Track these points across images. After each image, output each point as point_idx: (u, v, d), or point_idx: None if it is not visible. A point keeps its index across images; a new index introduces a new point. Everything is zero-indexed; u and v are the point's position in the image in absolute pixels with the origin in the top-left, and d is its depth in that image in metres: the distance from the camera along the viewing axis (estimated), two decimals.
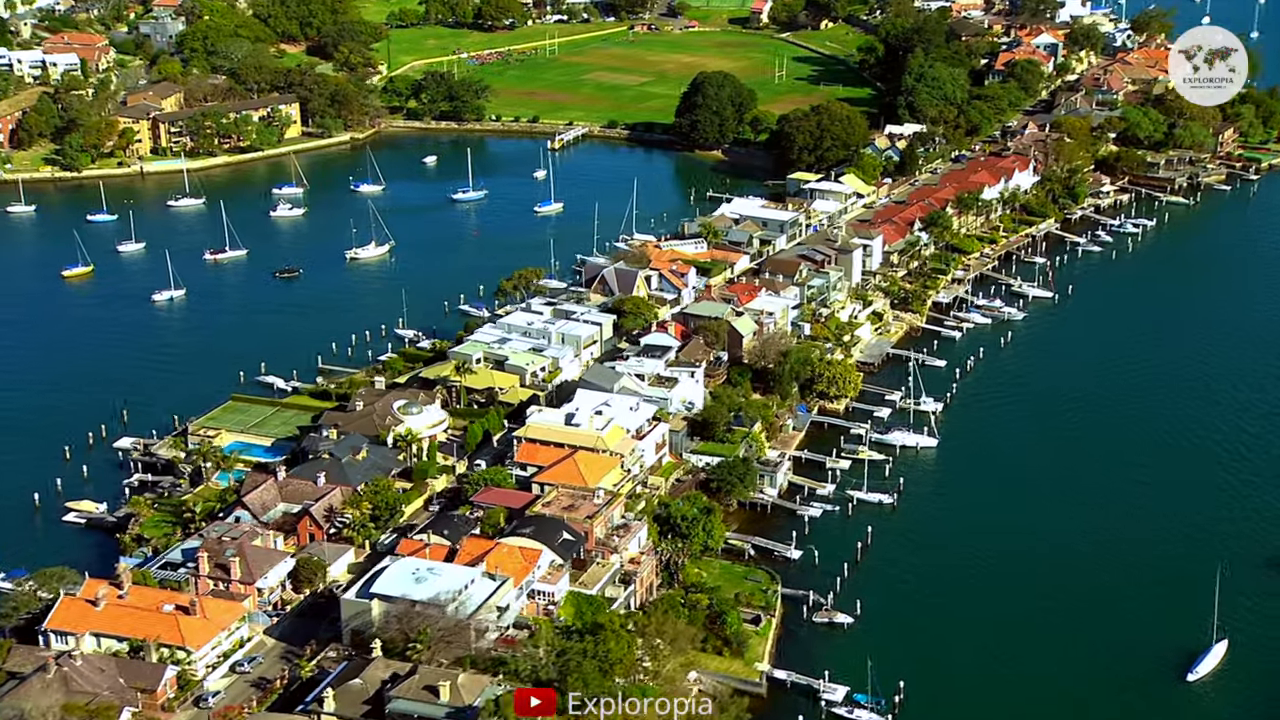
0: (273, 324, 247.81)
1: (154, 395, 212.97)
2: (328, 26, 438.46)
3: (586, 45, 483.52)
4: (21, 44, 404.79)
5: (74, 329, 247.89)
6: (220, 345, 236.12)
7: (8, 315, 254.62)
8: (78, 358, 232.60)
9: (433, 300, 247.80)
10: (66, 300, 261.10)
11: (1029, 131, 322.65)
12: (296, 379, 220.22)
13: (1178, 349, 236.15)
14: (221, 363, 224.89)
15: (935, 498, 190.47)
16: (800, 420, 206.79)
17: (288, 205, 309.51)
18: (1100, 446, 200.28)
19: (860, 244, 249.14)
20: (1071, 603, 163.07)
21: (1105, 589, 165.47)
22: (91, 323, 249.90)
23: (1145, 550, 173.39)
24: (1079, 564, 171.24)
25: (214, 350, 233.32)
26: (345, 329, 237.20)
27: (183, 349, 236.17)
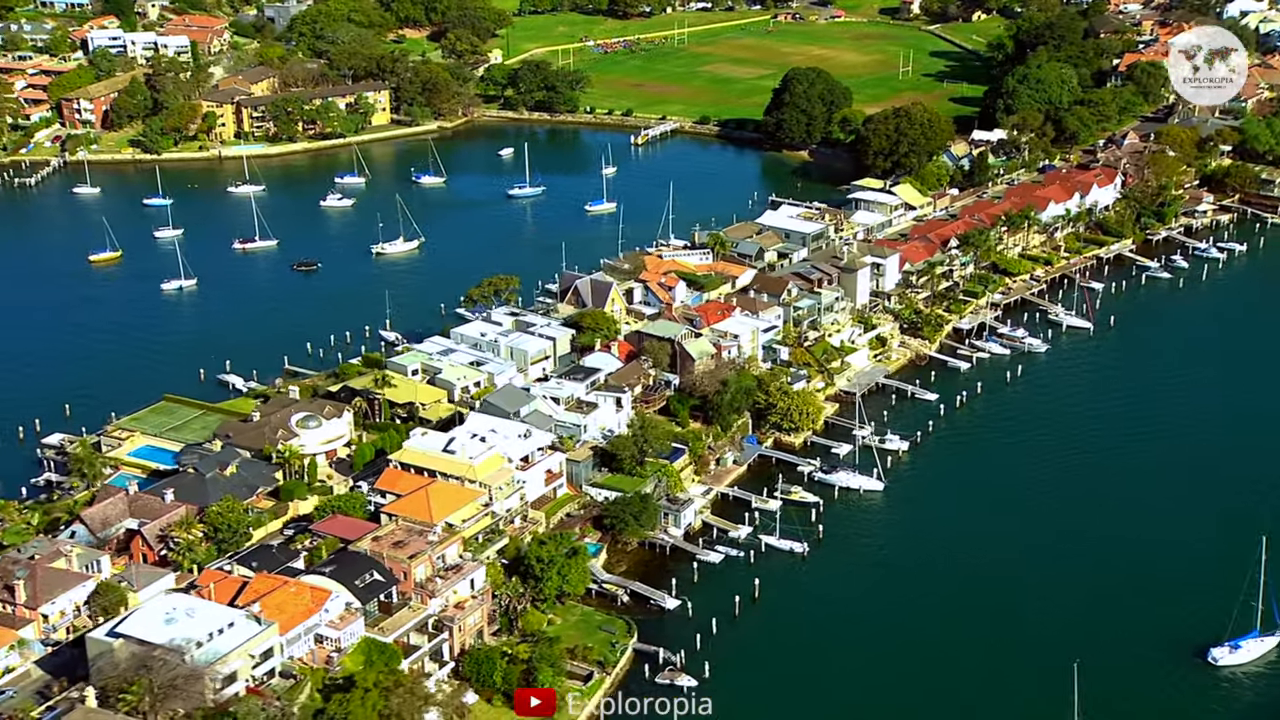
0: (269, 318, 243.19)
1: (109, 388, 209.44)
2: (452, 12, 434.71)
3: (721, 35, 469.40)
4: (146, 25, 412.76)
5: (70, 314, 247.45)
6: (205, 339, 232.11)
7: (15, 297, 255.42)
8: (55, 344, 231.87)
9: (444, 300, 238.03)
10: (81, 285, 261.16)
11: (1128, 142, 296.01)
12: (256, 379, 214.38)
13: (1220, 405, 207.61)
14: (194, 357, 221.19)
15: (855, 549, 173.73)
16: (745, 454, 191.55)
17: (337, 195, 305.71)
18: (1070, 517, 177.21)
19: (871, 262, 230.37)
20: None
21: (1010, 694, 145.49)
22: (89, 308, 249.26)
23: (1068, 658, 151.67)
24: (976, 661, 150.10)
25: (195, 344, 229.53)
26: (337, 327, 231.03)
27: (164, 341, 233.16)
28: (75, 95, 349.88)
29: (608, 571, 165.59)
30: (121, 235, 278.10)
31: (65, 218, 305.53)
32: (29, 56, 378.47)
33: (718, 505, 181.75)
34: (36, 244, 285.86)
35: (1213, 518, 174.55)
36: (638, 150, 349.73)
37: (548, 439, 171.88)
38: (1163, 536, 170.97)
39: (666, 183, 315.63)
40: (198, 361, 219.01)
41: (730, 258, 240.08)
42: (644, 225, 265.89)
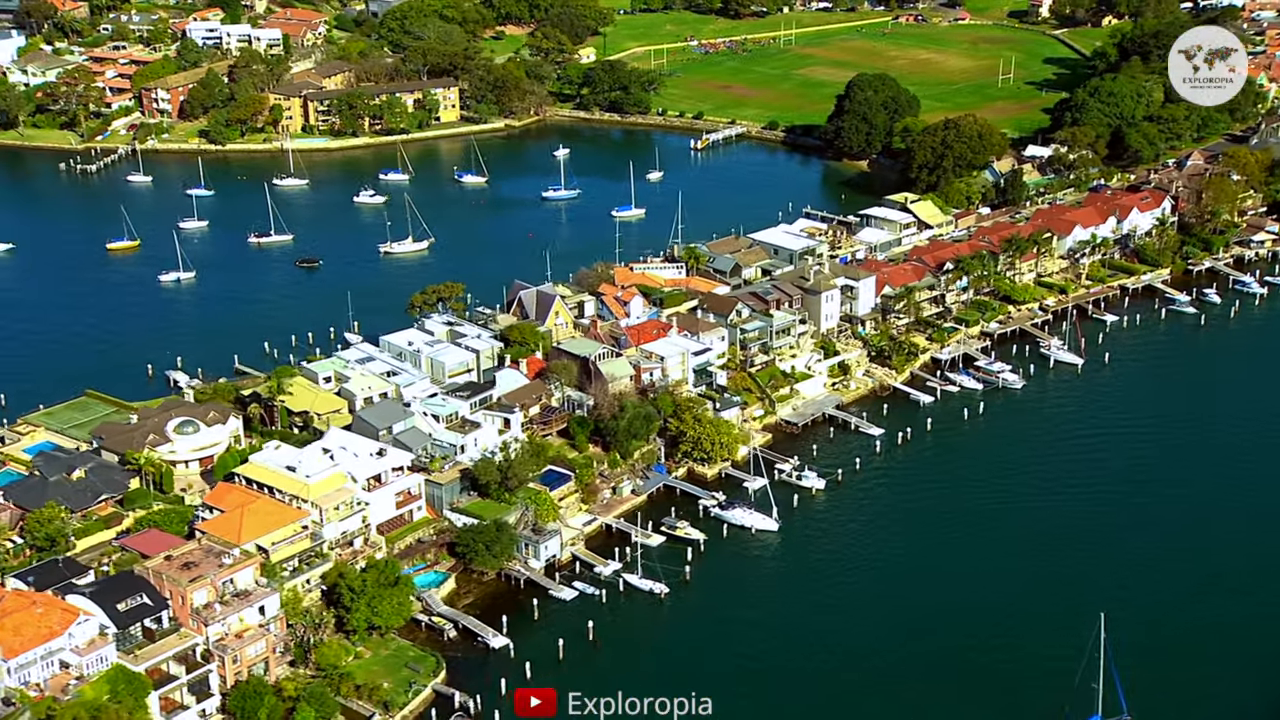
0: (249, 314, 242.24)
1: (50, 379, 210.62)
2: (555, 9, 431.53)
3: (833, 36, 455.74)
4: (251, 18, 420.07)
5: (60, 300, 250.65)
6: (172, 332, 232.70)
7: (17, 281, 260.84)
8: (27, 329, 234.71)
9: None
10: (87, 272, 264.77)
11: (1190, 163, 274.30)
12: (201, 377, 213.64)
13: (1166, 465, 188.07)
14: (150, 351, 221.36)
15: (719, 594, 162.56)
16: (649, 483, 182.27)
17: (370, 192, 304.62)
18: (942, 585, 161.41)
19: (841, 285, 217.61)
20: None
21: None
22: (81, 296, 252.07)
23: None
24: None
25: (159, 337, 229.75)
26: (310, 325, 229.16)
27: (132, 334, 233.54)
28: (154, 85, 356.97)
29: (451, 603, 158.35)
30: (150, 225, 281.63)
31: (107, 204, 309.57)
32: (124, 46, 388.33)
33: (600, 537, 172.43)
34: (66, 229, 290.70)
35: (1051, 590, 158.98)
36: (697, 154, 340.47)
37: (406, 458, 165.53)
38: (1013, 609, 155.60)
39: (714, 189, 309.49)
40: (154, 355, 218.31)
41: (705, 273, 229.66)
42: (664, 233, 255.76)
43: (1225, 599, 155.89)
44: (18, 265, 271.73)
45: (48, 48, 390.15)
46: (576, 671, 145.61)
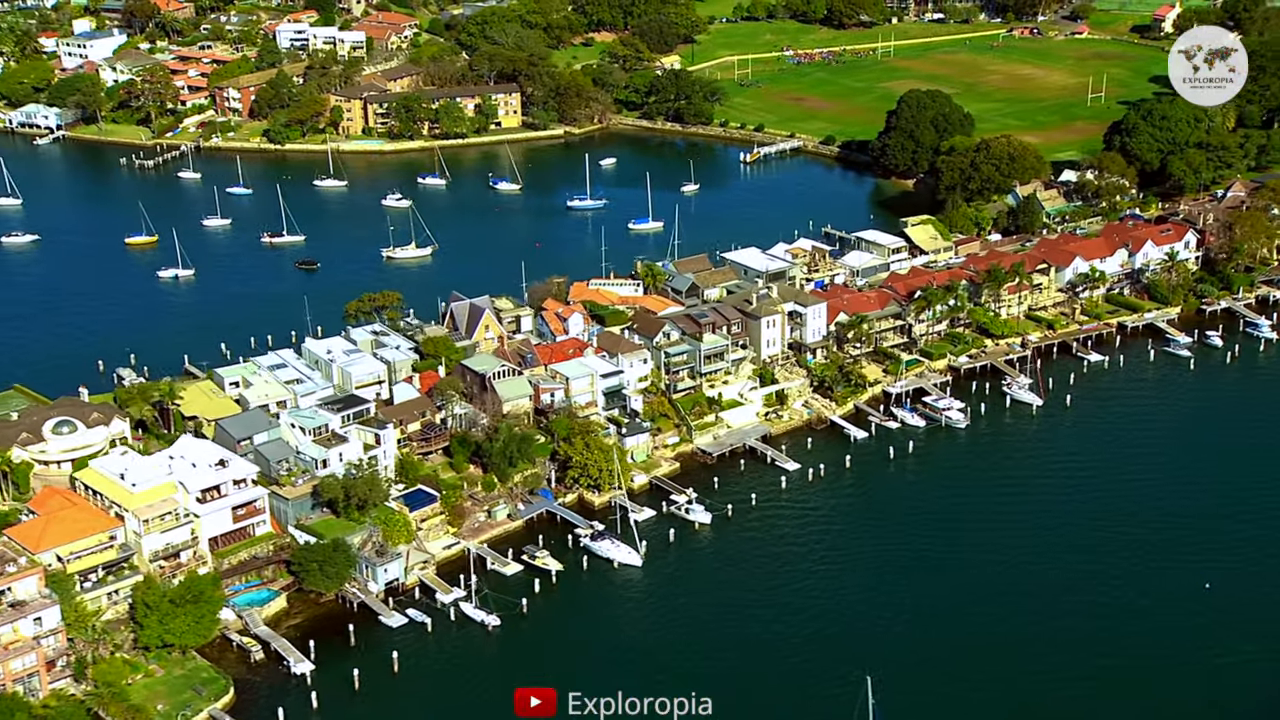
0: (230, 313, 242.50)
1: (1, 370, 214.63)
2: (649, 15, 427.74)
3: (935, 49, 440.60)
4: (345, 21, 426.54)
5: (53, 291, 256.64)
6: (149, 329, 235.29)
7: (22, 272, 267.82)
8: (5, 317, 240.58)
9: (414, 306, 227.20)
10: (95, 265, 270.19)
11: (1230, 194, 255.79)
12: (147, 375, 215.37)
13: (1108, 524, 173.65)
14: (118, 348, 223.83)
15: (551, 629, 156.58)
16: (528, 509, 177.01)
17: (396, 196, 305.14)
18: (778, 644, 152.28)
19: (789, 311, 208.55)
20: None
21: None
22: (75, 288, 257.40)
23: None
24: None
25: (134, 333, 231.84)
26: (278, 328, 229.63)
27: (106, 329, 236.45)
28: (226, 84, 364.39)
29: (276, 623, 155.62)
30: (176, 221, 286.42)
31: (141, 199, 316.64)
32: (210, 46, 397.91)
33: (461, 562, 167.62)
34: (96, 222, 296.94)
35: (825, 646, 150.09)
36: (746, 168, 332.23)
37: (250, 471, 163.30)
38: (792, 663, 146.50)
39: (748, 204, 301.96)
40: (114, 351, 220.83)
41: (662, 291, 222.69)
42: (686, 246, 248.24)
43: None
44: (36, 256, 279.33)
45: (145, 47, 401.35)
46: (372, 704, 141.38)
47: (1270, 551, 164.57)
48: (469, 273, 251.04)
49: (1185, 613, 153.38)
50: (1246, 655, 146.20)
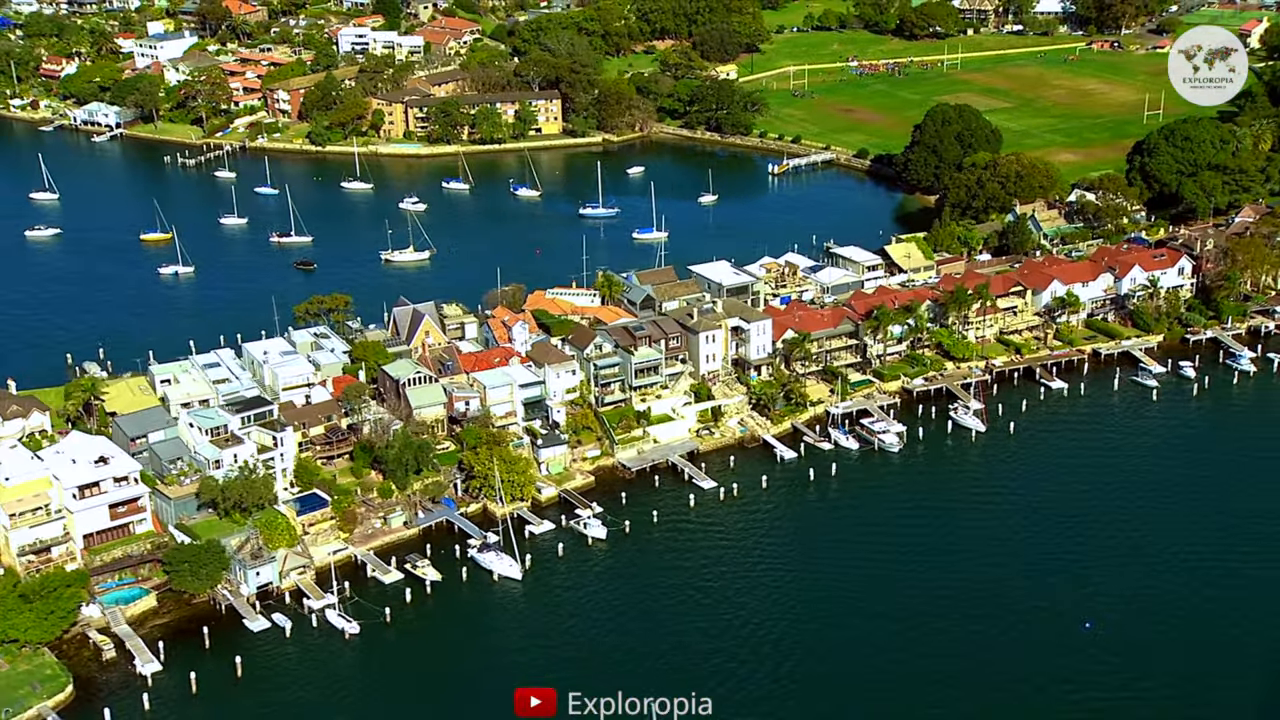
0: (217, 310, 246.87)
1: None
2: (714, 25, 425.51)
3: (1006, 61, 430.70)
4: (409, 26, 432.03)
5: (65, 282, 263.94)
6: (130, 324, 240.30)
7: (36, 262, 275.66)
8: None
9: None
10: (107, 258, 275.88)
11: (1238, 219, 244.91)
12: (110, 370, 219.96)
13: (1015, 558, 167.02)
14: (92, 342, 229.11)
15: (412, 639, 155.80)
16: (426, 516, 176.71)
17: (413, 200, 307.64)
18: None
19: (732, 326, 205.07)
20: None
21: None
22: (82, 281, 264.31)
23: None
24: None
25: (113, 329, 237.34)
26: (250, 327, 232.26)
27: (89, 324, 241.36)
28: (278, 86, 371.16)
29: (142, 622, 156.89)
30: (195, 218, 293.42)
31: (179, 196, 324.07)
32: (270, 49, 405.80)
33: (347, 569, 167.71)
34: (120, 219, 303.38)
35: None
36: (773, 180, 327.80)
37: (133, 468, 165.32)
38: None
39: (764, 216, 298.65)
40: (83, 345, 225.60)
41: (618, 302, 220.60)
42: (687, 257, 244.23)
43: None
44: (53, 249, 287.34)
45: (213, 49, 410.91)
46: (207, 706, 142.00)
47: (1155, 597, 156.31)
48: (462, 277, 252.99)
49: (1053, 652, 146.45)
50: (1119, 699, 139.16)
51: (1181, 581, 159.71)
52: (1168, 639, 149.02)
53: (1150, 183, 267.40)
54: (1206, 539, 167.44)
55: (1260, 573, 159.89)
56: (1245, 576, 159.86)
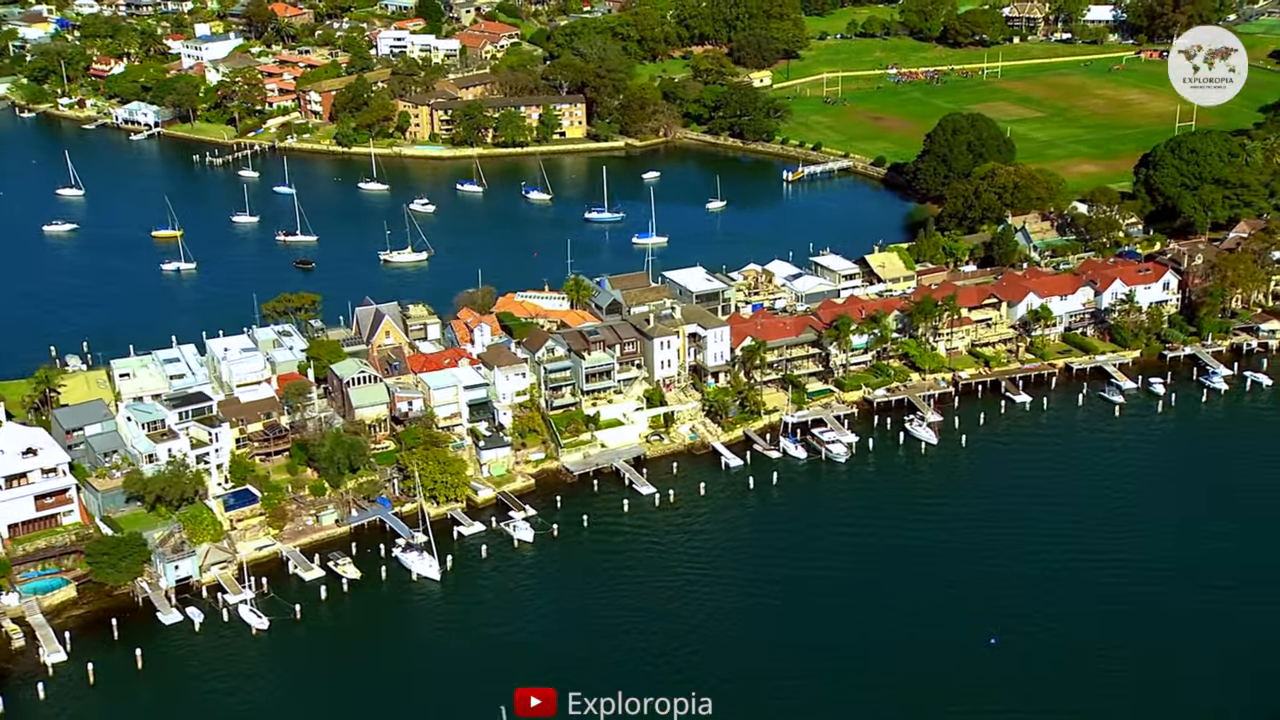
0: (208, 306, 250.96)
1: None
2: (753, 31, 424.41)
3: (1048, 70, 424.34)
4: (450, 30, 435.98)
5: (72, 275, 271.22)
6: (121, 318, 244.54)
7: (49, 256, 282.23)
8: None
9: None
10: (118, 253, 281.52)
11: (1232, 235, 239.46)
12: (89, 363, 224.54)
13: (929, 577, 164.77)
14: (77, 334, 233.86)
15: (318, 637, 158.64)
16: (359, 515, 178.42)
17: (423, 201, 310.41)
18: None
19: (691, 332, 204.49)
20: None
21: None
22: (89, 274, 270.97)
23: None
24: None
25: (104, 323, 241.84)
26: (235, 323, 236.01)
27: (81, 317, 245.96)
28: (310, 88, 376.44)
29: (59, 612, 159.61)
30: (209, 215, 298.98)
31: (198, 194, 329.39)
32: (309, 51, 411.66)
33: (272, 565, 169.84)
34: (136, 215, 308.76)
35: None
36: (788, 187, 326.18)
37: (62, 460, 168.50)
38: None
39: (771, 223, 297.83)
40: (75, 338, 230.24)
41: (586, 305, 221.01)
42: (685, 263, 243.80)
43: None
44: (68, 244, 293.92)
45: (256, 50, 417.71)
46: (104, 697, 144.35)
47: (1055, 614, 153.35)
48: (458, 278, 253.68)
49: (954, 667, 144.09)
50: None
51: (1094, 598, 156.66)
52: (1068, 657, 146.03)
53: (1154, 196, 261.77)
54: (1137, 557, 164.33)
55: (1178, 600, 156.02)
56: (1168, 596, 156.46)
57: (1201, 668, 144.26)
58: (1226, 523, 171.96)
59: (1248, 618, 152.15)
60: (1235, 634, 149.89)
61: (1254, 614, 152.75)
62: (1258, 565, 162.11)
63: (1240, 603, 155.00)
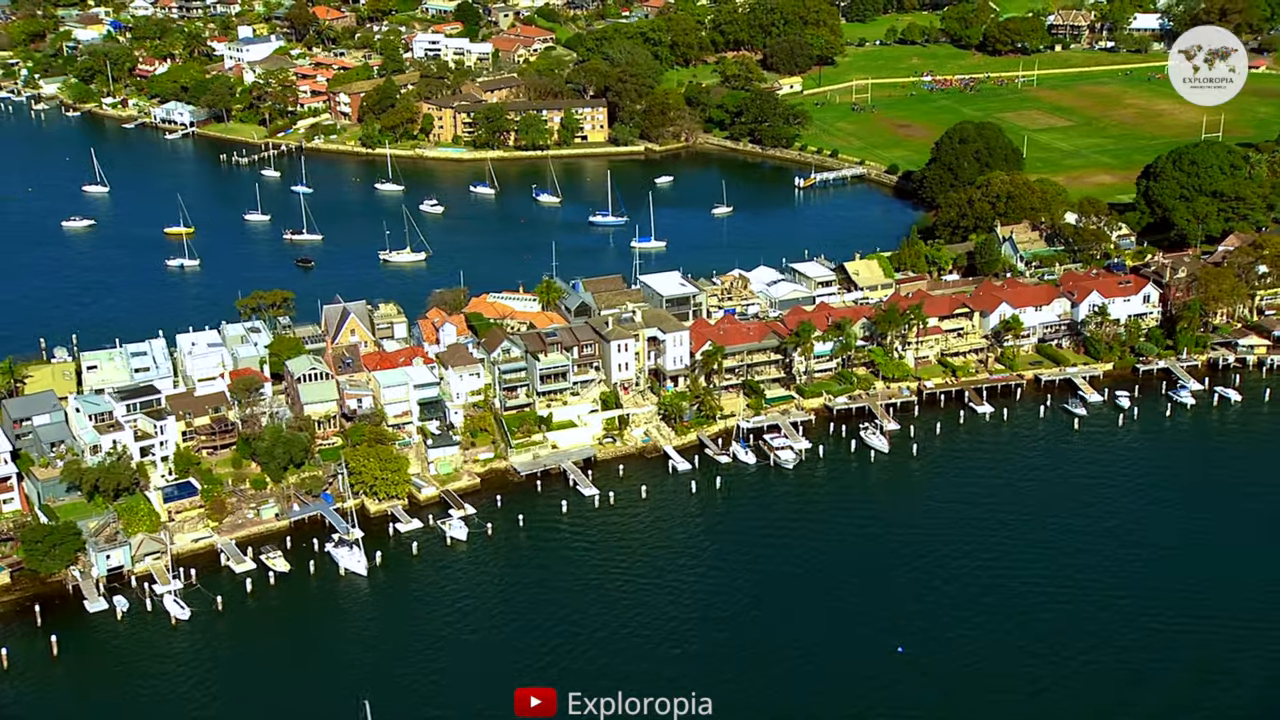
0: (201, 301, 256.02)
1: None
2: (789, 38, 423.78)
3: (1086, 79, 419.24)
4: (487, 34, 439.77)
5: (82, 269, 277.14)
6: (118, 312, 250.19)
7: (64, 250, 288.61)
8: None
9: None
10: (128, 249, 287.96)
11: (1220, 249, 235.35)
12: (75, 355, 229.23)
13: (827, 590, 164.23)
14: (70, 327, 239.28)
15: (235, 628, 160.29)
16: (299, 510, 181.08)
17: (432, 202, 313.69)
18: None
19: (651, 336, 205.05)
20: None
21: None
22: (96, 269, 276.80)
23: None
24: None
25: (100, 316, 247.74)
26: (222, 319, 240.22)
27: (80, 309, 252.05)
28: (340, 90, 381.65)
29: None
30: (221, 213, 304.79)
31: (217, 192, 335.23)
32: (344, 53, 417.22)
33: (208, 557, 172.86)
34: (152, 212, 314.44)
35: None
36: (799, 193, 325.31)
37: (3, 449, 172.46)
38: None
39: (780, 228, 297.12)
40: (70, 330, 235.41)
41: (556, 308, 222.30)
42: (682, 267, 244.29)
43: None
44: (83, 239, 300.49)
45: (295, 53, 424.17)
46: (12, 681, 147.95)
47: (969, 624, 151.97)
48: (453, 278, 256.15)
49: (861, 675, 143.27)
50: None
51: (1012, 610, 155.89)
52: (978, 668, 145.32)
53: (1154, 208, 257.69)
54: (1062, 570, 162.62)
55: (1092, 614, 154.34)
56: (1087, 609, 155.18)
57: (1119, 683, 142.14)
58: (1166, 535, 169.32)
59: (1174, 636, 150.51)
60: (1163, 649, 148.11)
61: (1182, 635, 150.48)
62: (1193, 581, 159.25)
63: (1174, 618, 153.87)
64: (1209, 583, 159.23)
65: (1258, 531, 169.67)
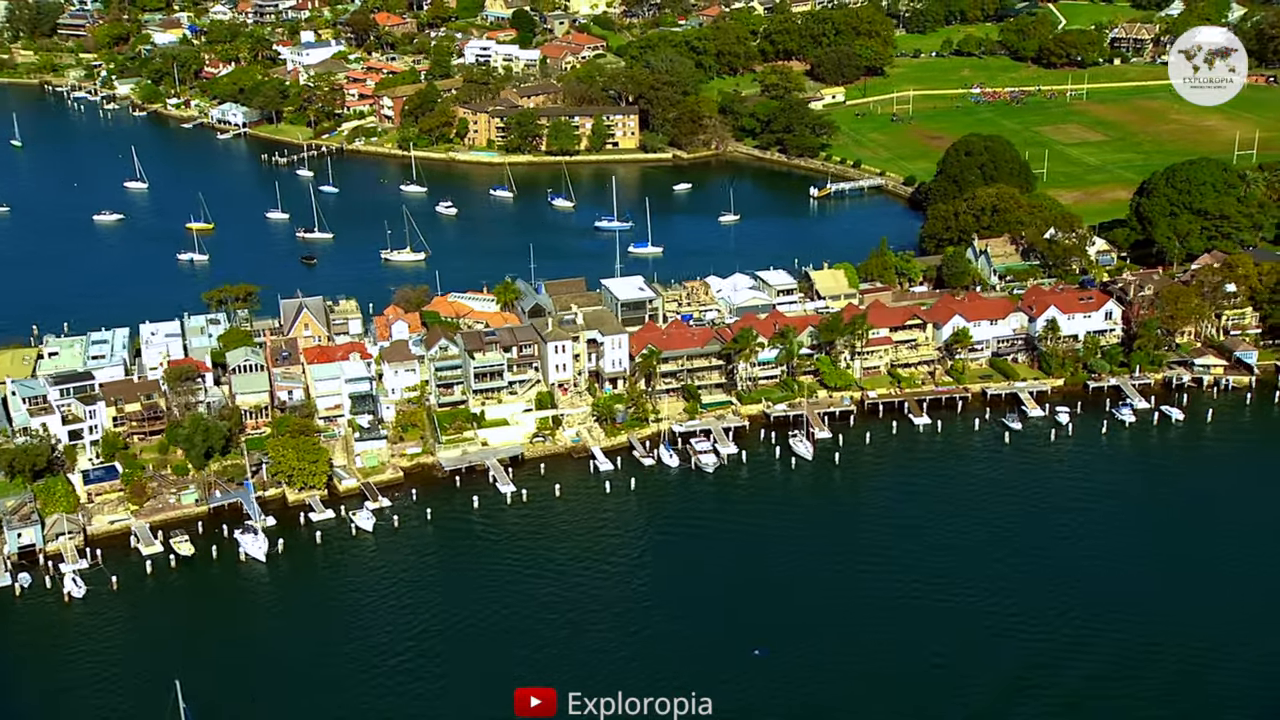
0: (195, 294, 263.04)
1: None
2: (838, 49, 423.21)
3: (1145, 93, 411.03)
4: (542, 40, 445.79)
5: (97, 260, 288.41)
6: (116, 301, 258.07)
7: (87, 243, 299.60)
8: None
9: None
10: (148, 243, 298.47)
11: (1194, 267, 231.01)
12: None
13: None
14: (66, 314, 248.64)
15: (136, 609, 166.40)
16: (220, 496, 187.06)
17: (447, 203, 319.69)
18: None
19: (588, 339, 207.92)
20: None
21: None
22: (108, 260, 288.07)
23: None
24: None
25: (97, 304, 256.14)
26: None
27: (80, 298, 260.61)
28: (385, 93, 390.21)
29: None
30: (244, 210, 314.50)
31: (244, 190, 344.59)
32: (395, 58, 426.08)
33: (122, 539, 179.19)
34: (181, 208, 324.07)
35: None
36: (814, 203, 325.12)
37: None
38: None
39: (785, 236, 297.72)
40: (51, 318, 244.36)
41: (512, 308, 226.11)
42: (679, 273, 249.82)
43: None
44: (109, 232, 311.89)
45: (353, 58, 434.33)
46: None
47: (842, 630, 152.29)
48: (450, 278, 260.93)
49: (722, 681, 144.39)
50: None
51: (901, 622, 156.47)
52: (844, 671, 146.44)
53: (1144, 224, 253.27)
54: (961, 587, 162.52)
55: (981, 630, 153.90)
56: (958, 624, 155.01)
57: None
58: (1070, 552, 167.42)
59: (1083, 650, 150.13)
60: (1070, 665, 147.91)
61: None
62: (1098, 601, 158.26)
63: (1086, 634, 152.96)
64: (1065, 584, 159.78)
65: (1145, 544, 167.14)
